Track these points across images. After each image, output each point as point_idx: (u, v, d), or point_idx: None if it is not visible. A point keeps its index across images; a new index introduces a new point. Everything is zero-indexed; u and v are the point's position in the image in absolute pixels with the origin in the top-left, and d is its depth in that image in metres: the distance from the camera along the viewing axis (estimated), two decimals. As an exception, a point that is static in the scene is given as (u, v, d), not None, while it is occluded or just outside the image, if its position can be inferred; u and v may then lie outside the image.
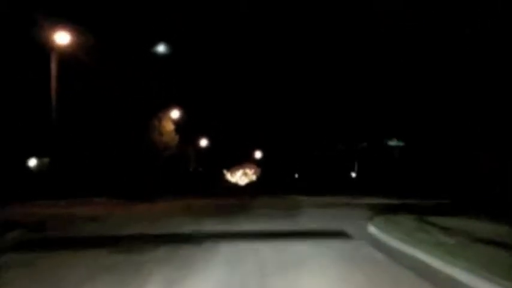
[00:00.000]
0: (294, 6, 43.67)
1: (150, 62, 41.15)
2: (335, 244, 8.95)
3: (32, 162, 33.74)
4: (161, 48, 42.91)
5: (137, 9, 38.51)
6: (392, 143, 20.71)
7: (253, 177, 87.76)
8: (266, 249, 8.53)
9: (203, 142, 66.31)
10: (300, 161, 64.16)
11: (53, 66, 20.93)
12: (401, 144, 20.73)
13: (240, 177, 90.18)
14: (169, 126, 46.12)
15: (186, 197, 27.71)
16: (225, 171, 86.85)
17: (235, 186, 67.60)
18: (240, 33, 52.69)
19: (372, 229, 9.93)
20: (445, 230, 9.10)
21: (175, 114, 45.66)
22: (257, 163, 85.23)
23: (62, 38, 20.44)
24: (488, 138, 25.10)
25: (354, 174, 43.86)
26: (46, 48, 20.81)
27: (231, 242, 9.29)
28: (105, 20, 31.88)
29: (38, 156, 32.66)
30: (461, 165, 26.78)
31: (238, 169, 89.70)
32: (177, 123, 46.91)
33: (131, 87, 37.34)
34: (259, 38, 53.42)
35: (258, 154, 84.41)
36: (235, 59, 58.34)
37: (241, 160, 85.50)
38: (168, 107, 44.91)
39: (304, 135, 57.43)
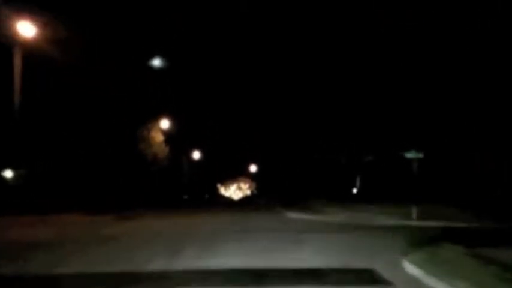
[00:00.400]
0: (294, 15, 40.82)
1: (139, 67, 38.47)
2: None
3: (8, 173, 30.87)
4: (156, 62, 40.40)
5: (132, 13, 35.90)
6: (410, 154, 17.89)
7: (248, 192, 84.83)
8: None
9: (196, 155, 63.59)
10: (296, 176, 61.23)
11: (17, 62, 18.10)
12: (420, 156, 17.93)
13: (234, 191, 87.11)
14: (159, 137, 43.24)
15: (172, 212, 24.78)
16: (218, 185, 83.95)
17: (229, 201, 64.41)
18: (234, 42, 49.78)
19: (412, 269, 7.07)
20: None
21: (165, 124, 42.73)
22: (252, 177, 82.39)
23: (27, 29, 17.61)
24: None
25: (355, 190, 40.96)
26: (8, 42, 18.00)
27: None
28: (91, 16, 29.19)
29: (13, 167, 29.80)
30: (485, 178, 24.28)
31: (232, 183, 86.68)
32: (168, 133, 44.06)
33: (117, 92, 34.54)
34: (255, 47, 50.46)
35: (252, 168, 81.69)
36: (229, 69, 55.55)
37: (236, 174, 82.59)
38: (158, 116, 42.10)
39: (302, 148, 54.62)
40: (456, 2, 24.51)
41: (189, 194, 39.98)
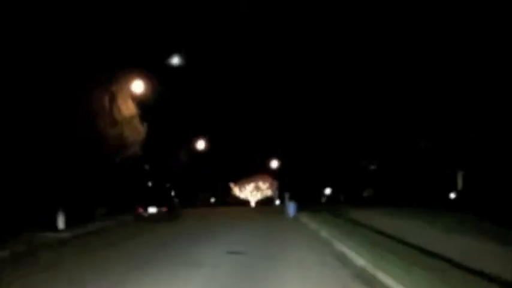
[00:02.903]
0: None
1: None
2: None
3: None
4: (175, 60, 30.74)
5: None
6: None
7: (269, 193, 68.26)
8: None
9: (200, 145, 47.44)
10: (336, 172, 44.48)
11: None
12: None
13: (251, 192, 70.46)
14: (130, 108, 26.93)
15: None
16: (231, 185, 67.71)
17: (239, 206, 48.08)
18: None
19: None
20: None
21: (138, 87, 26.19)
22: (273, 175, 65.79)
23: None
24: None
25: (453, 195, 24.22)
26: None
27: None
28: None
29: None
30: None
31: (248, 182, 70.03)
32: (145, 104, 27.71)
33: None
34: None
35: (274, 163, 65.00)
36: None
37: (253, 171, 65.92)
38: (127, 74, 25.81)
39: (348, 132, 37.88)
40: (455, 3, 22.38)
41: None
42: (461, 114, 22.91)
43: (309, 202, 33.76)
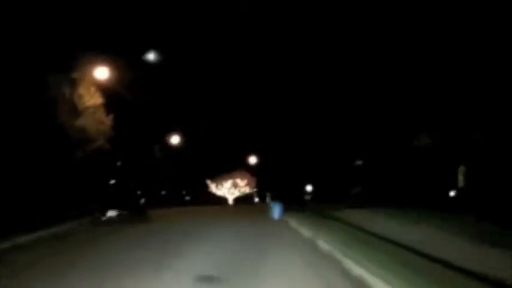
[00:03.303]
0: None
1: None
2: None
3: None
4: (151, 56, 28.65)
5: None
6: None
7: (247, 190, 65.87)
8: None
9: (174, 139, 44.52)
10: (318, 169, 42.09)
11: None
12: None
13: (229, 189, 67.82)
14: (94, 98, 23.82)
15: None
16: (208, 182, 64.92)
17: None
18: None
19: None
20: None
21: (102, 73, 23.10)
22: (252, 171, 63.33)
23: None
24: None
25: (453, 192, 21.97)
26: None
27: None
28: None
29: None
30: None
31: (226, 179, 67.31)
32: (110, 92, 24.65)
33: None
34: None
35: (252, 159, 62.61)
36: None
37: (230, 167, 63.24)
38: (89, 58, 22.71)
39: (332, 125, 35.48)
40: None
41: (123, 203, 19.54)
42: (460, 110, 20.89)
43: (291, 200, 31.40)
